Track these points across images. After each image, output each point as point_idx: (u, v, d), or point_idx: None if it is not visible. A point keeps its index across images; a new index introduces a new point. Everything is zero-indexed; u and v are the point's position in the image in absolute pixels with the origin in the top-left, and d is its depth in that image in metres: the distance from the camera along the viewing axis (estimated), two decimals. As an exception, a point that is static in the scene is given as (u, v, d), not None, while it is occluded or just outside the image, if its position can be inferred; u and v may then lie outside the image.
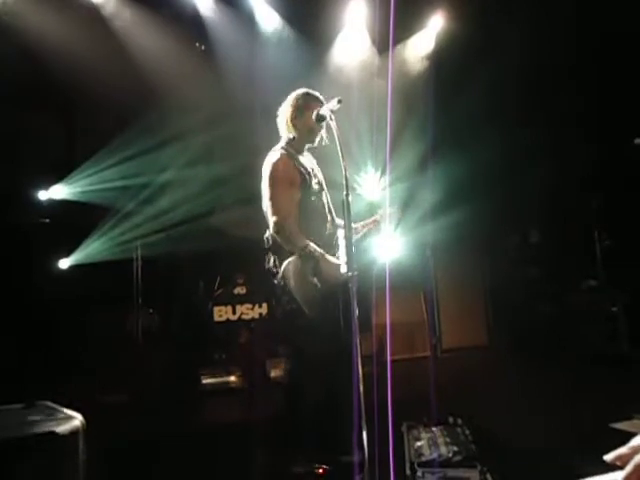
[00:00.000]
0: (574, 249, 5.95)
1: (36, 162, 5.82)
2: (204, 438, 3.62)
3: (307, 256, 2.56)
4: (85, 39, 5.26)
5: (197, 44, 5.92)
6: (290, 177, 2.69)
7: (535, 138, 5.88)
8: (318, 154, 3.00)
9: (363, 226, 3.05)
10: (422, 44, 6.45)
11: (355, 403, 2.20)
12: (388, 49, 5.65)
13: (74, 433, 1.96)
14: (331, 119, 2.55)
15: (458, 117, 5.82)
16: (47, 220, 5.72)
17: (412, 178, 5.98)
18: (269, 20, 5.95)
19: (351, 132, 5.10)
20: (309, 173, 2.76)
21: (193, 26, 5.75)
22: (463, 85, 5.65)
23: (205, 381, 4.94)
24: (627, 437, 0.91)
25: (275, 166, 2.69)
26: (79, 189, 5.98)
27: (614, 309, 5.13)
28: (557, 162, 5.80)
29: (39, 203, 5.92)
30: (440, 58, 6.29)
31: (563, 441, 3.02)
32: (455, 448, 2.50)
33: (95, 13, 5.44)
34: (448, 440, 2.63)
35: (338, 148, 2.45)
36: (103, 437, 3.15)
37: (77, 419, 2.04)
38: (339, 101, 2.58)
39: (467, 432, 2.74)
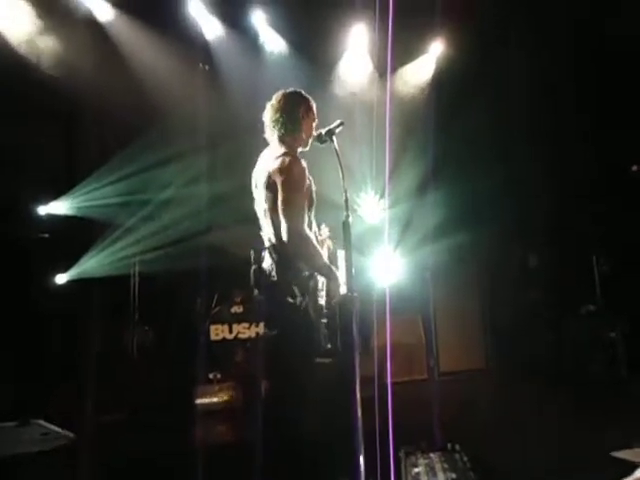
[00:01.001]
0: (573, 274, 5.95)
1: (36, 177, 5.83)
2: (197, 459, 3.56)
3: (326, 274, 2.47)
4: (89, 56, 5.33)
5: (201, 64, 6.00)
6: (304, 184, 2.51)
7: (535, 163, 5.94)
8: (315, 173, 2.95)
9: None
10: (423, 69, 6.57)
11: (354, 427, 2.17)
12: (388, 72, 5.75)
13: (66, 452, 1.92)
14: (332, 141, 2.57)
15: (458, 141, 5.88)
16: (46, 235, 5.71)
17: (412, 201, 6.01)
18: (273, 43, 6.06)
19: (352, 154, 5.14)
20: (312, 183, 2.64)
21: (197, 47, 5.85)
22: (463, 109, 5.73)
23: (199, 401, 4.87)
24: (627, 465, 0.90)
25: (290, 170, 2.47)
26: (78, 204, 5.99)
27: (613, 334, 5.11)
28: (557, 187, 5.85)
29: (38, 218, 5.92)
30: (440, 82, 6.40)
31: (562, 468, 2.97)
32: (453, 475, 2.46)
33: (100, 30, 5.53)
34: (446, 467, 2.59)
35: (339, 169, 2.46)
36: (97, 455, 3.10)
37: (70, 438, 2.01)
38: (341, 123, 2.60)
39: (465, 459, 2.70)
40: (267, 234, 2.58)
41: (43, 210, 5.97)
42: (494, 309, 6.22)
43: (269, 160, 2.59)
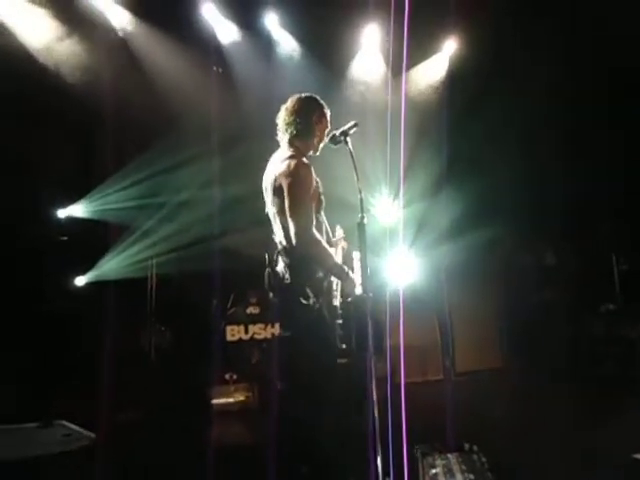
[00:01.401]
0: (592, 273, 5.87)
1: (54, 181, 5.93)
2: (213, 459, 3.58)
3: (337, 274, 2.48)
4: (105, 61, 5.40)
5: (215, 67, 6.04)
6: (311, 186, 2.52)
7: (552, 161, 5.87)
8: (330, 174, 2.94)
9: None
10: (436, 67, 6.53)
11: (370, 428, 2.17)
12: (402, 72, 5.72)
13: (88, 453, 1.96)
14: (346, 142, 2.57)
15: (473, 140, 5.84)
16: (65, 238, 5.81)
17: (427, 200, 5.98)
18: (286, 45, 6.08)
19: (366, 154, 5.14)
20: (319, 185, 2.66)
21: (211, 50, 5.89)
22: (478, 107, 5.69)
23: (215, 401, 4.90)
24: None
25: (296, 173, 2.48)
26: (96, 208, 6.08)
27: (632, 334, 5.04)
28: (575, 185, 5.77)
29: (57, 221, 6.02)
30: (454, 81, 6.36)
31: (583, 470, 2.94)
32: (471, 476, 2.45)
33: (116, 36, 5.59)
34: (464, 468, 2.57)
35: (354, 170, 2.47)
36: (114, 455, 3.14)
37: (91, 438, 2.05)
38: (355, 124, 2.60)
39: (483, 459, 2.68)
40: (278, 237, 2.59)
41: (62, 213, 6.08)
42: (511, 308, 6.16)
43: (276, 163, 2.60)
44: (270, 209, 2.63)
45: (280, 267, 2.54)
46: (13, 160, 5.34)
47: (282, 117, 2.70)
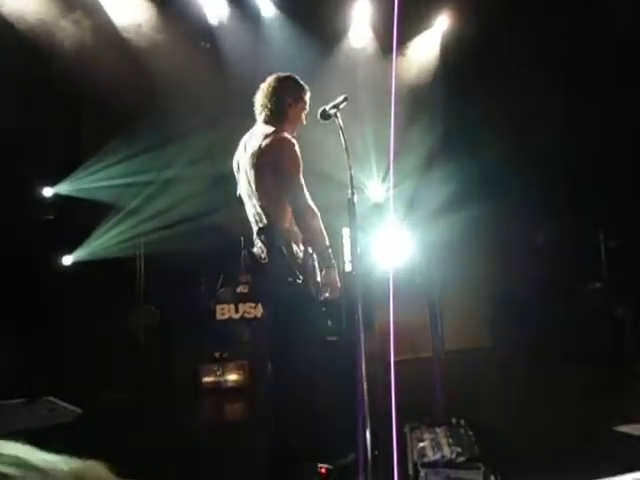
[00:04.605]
0: (580, 251, 5.92)
1: (42, 159, 5.82)
2: (203, 438, 3.60)
3: (327, 258, 2.44)
4: (92, 38, 5.28)
5: (202, 43, 5.92)
6: (300, 161, 2.48)
7: (542, 138, 5.86)
8: (322, 151, 2.90)
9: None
10: (428, 43, 6.45)
11: (359, 403, 2.18)
12: (394, 48, 5.64)
13: (75, 428, 1.95)
14: (337, 117, 2.52)
15: (465, 117, 5.80)
16: (51, 217, 5.73)
17: (418, 179, 5.96)
18: (274, 19, 5.96)
19: (356, 131, 5.09)
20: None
21: (199, 24, 5.76)
22: (470, 84, 5.64)
23: (205, 380, 4.91)
24: (632, 440, 0.89)
25: (288, 147, 2.45)
26: (83, 186, 5.99)
27: (619, 311, 5.11)
28: (563, 163, 5.78)
29: (44, 200, 5.93)
30: (446, 57, 6.29)
31: (567, 443, 3.00)
32: (458, 449, 2.48)
33: (102, 11, 5.45)
34: (451, 441, 2.60)
35: (344, 146, 2.43)
36: (103, 435, 3.14)
37: (77, 413, 2.04)
38: (345, 99, 2.55)
39: (470, 433, 2.72)
40: (254, 216, 2.54)
41: (49, 192, 5.98)
42: (500, 286, 6.21)
43: (257, 139, 2.52)
44: (246, 188, 2.56)
45: (256, 248, 2.51)
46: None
47: (257, 98, 2.66)
